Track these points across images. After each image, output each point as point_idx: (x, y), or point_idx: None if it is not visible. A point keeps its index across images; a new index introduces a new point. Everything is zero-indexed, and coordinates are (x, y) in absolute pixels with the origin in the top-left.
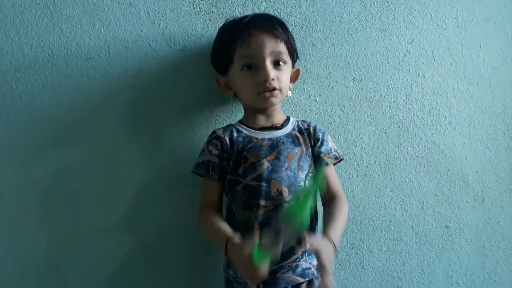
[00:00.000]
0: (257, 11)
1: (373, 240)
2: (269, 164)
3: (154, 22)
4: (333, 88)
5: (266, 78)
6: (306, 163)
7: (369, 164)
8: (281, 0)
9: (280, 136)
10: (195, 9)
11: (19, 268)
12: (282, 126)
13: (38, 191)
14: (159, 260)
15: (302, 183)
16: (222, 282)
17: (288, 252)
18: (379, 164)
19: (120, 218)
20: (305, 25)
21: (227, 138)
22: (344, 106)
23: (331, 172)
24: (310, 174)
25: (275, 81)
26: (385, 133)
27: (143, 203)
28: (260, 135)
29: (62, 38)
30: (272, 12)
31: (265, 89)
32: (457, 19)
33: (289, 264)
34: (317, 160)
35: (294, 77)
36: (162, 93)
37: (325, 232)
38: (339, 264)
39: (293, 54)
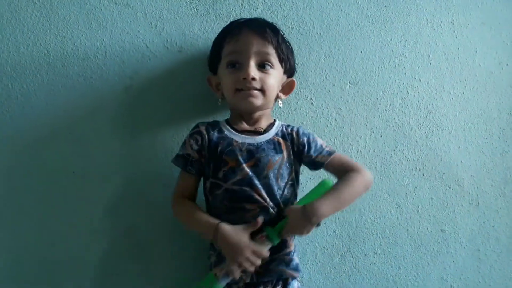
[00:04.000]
0: (254, 13)
1: (369, 244)
2: (249, 171)
3: (151, 23)
4: (329, 91)
5: (245, 76)
6: (286, 171)
7: (365, 167)
8: (278, 3)
9: (261, 142)
10: (192, 10)
11: (14, 268)
12: (266, 131)
13: (33, 191)
14: (154, 261)
15: (281, 192)
16: None
17: (281, 244)
18: (375, 167)
19: (115, 219)
20: (302, 27)
21: (206, 137)
22: (341, 109)
23: (336, 161)
24: (290, 182)
25: (256, 81)
26: (381, 136)
27: (139, 204)
28: (241, 138)
29: (59, 38)
30: (269, 14)
31: (243, 87)
32: (453, 24)
33: (282, 257)
34: (313, 165)
35: (288, 89)
36: (159, 94)
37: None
38: (335, 267)
39: (285, 62)
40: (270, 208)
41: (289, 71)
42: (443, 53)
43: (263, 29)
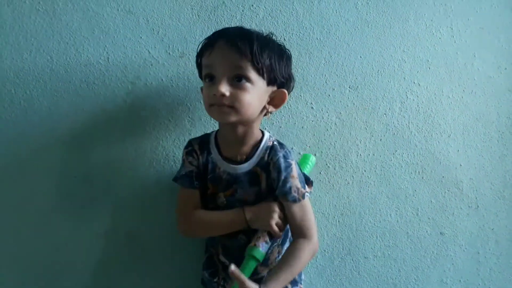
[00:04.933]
0: (255, 19)
1: (369, 246)
2: (224, 199)
3: (153, 29)
4: (329, 95)
5: (215, 92)
6: (263, 200)
7: (365, 171)
8: (278, 9)
9: (239, 173)
10: (194, 16)
11: (17, 273)
12: (247, 159)
13: (36, 196)
14: (157, 264)
15: None
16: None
17: (267, 260)
18: (375, 171)
19: (117, 224)
20: (302, 33)
21: (200, 158)
22: (340, 113)
23: (296, 212)
24: None
25: (227, 97)
26: (380, 140)
27: (141, 208)
28: (223, 165)
29: (62, 45)
30: (269, 20)
31: (215, 102)
32: (452, 29)
33: (256, 281)
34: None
35: (278, 101)
36: (161, 99)
37: (266, 278)
38: (335, 270)
39: (267, 73)
40: (240, 234)
41: (276, 81)
42: (442, 58)
43: (236, 40)
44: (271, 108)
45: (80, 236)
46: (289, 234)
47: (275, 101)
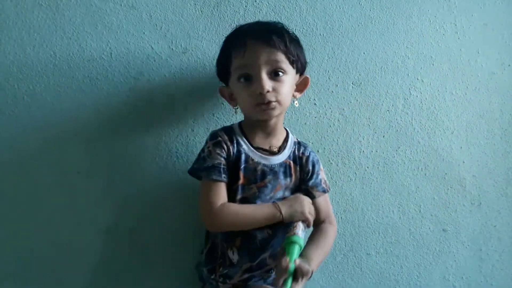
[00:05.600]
0: (258, 15)
1: (371, 243)
2: (256, 190)
3: (156, 25)
4: (332, 91)
5: (261, 91)
6: (289, 193)
7: (368, 167)
8: (282, 4)
9: (274, 164)
10: (197, 12)
11: (20, 269)
12: (280, 150)
13: (39, 191)
14: (159, 261)
15: None
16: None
17: (260, 263)
18: (377, 168)
19: (120, 219)
20: (305, 29)
21: (231, 149)
22: (343, 109)
23: (322, 202)
24: None
25: (271, 93)
26: (383, 136)
27: (143, 204)
28: (257, 157)
29: (65, 40)
30: (272, 15)
31: (261, 102)
32: (456, 25)
33: (262, 274)
34: (305, 192)
35: (302, 86)
36: (163, 95)
37: (306, 255)
38: (337, 266)
39: (296, 63)
40: (266, 229)
41: (301, 69)
42: (446, 54)
43: (268, 36)
44: (297, 95)
45: (83, 232)
46: None
47: (300, 87)
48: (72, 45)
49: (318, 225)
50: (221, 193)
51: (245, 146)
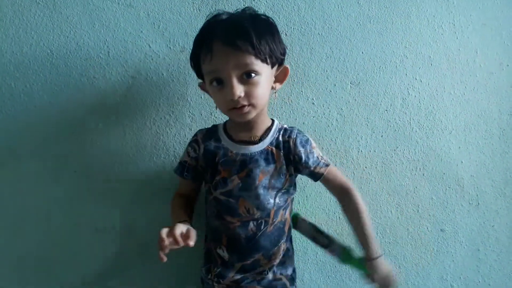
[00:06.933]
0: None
1: None
2: (239, 181)
3: (153, 23)
4: (330, 91)
5: (231, 97)
6: (279, 181)
7: (366, 167)
8: (280, 4)
9: (254, 153)
10: (195, 11)
11: (17, 267)
12: (261, 139)
13: (36, 190)
14: (156, 260)
15: (272, 200)
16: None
17: (254, 264)
18: (376, 167)
19: (117, 218)
20: (304, 28)
21: (202, 147)
22: (342, 109)
23: (331, 176)
24: (283, 190)
25: (243, 98)
26: (381, 136)
27: (140, 203)
28: (236, 148)
29: (62, 38)
30: (271, 14)
31: (234, 106)
32: (454, 25)
33: (254, 275)
34: (312, 177)
35: (282, 76)
36: (161, 94)
37: (365, 248)
38: (336, 266)
39: (270, 58)
40: (251, 222)
41: (278, 60)
42: (444, 54)
43: (233, 40)
44: (277, 86)
45: (80, 231)
46: (291, 230)
47: (279, 78)
48: (70, 44)
49: (342, 202)
50: (182, 187)
51: (224, 141)
